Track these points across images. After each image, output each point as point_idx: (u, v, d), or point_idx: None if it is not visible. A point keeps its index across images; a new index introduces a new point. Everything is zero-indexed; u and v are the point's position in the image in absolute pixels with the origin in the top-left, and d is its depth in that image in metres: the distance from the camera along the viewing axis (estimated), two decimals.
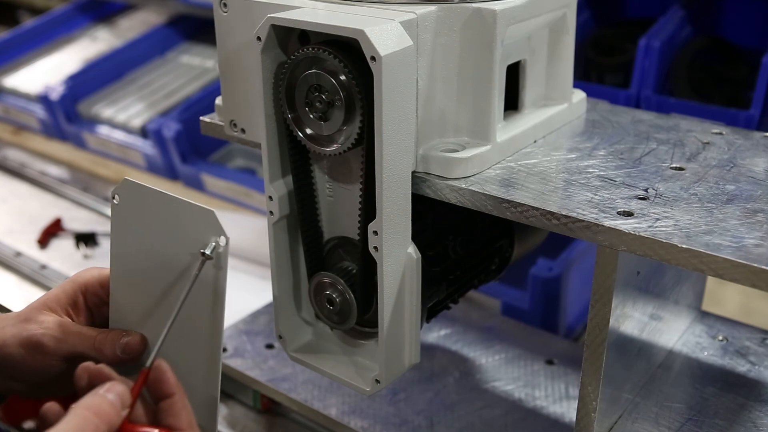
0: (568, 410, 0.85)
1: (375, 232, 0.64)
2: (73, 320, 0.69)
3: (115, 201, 0.66)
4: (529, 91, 0.75)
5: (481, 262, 0.80)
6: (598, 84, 1.31)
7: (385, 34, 0.59)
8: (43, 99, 1.73)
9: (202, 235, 0.62)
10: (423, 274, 0.69)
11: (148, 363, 0.61)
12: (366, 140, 0.63)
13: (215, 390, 0.65)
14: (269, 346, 0.95)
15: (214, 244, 0.61)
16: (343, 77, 0.62)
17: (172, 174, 1.58)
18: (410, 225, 0.67)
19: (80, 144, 1.74)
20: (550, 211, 0.61)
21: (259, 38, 0.64)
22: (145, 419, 0.61)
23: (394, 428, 0.83)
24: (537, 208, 0.61)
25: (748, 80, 1.22)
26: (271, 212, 0.71)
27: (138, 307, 0.68)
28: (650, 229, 0.57)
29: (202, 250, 0.61)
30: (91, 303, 0.70)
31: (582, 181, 0.65)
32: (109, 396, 0.57)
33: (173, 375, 0.61)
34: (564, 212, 0.60)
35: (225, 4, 0.70)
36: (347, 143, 0.64)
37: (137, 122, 1.64)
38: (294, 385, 0.89)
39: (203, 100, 1.59)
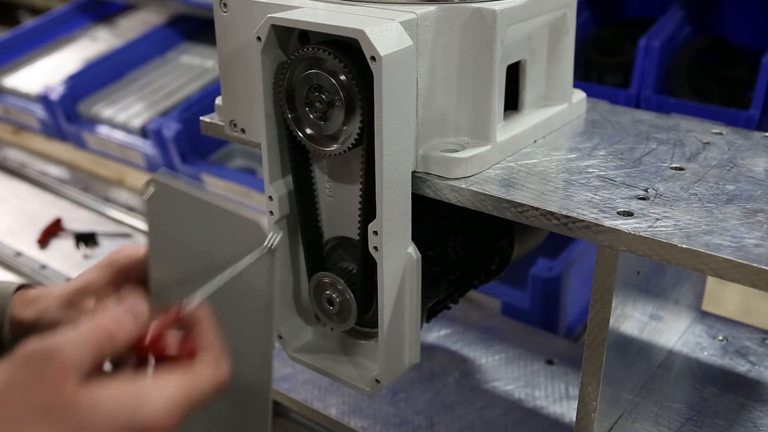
0: (568, 410, 0.85)
1: (375, 232, 0.64)
2: None
3: (145, 197, 0.65)
4: (529, 91, 0.75)
5: (481, 262, 0.80)
6: (598, 84, 1.31)
7: (385, 34, 0.59)
8: (43, 99, 1.73)
9: (246, 239, 0.60)
10: (423, 274, 0.69)
11: (187, 302, 0.56)
12: (366, 140, 0.63)
13: (268, 391, 0.62)
14: None
15: (275, 236, 0.59)
16: (343, 77, 0.62)
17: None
18: (410, 225, 0.67)
19: (80, 144, 1.73)
20: (550, 211, 0.61)
21: (259, 38, 0.64)
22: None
23: (394, 428, 0.83)
24: (537, 208, 0.61)
25: (748, 80, 1.22)
26: (271, 212, 0.71)
27: (182, 293, 0.65)
28: (650, 229, 0.57)
29: (265, 245, 0.59)
30: (130, 285, 0.66)
31: (582, 181, 0.65)
32: (117, 310, 0.53)
33: (213, 324, 0.56)
34: (564, 212, 0.60)
35: (225, 4, 0.70)
36: (347, 143, 0.64)
37: (137, 122, 1.64)
38: (294, 385, 0.89)
39: (203, 100, 1.59)
